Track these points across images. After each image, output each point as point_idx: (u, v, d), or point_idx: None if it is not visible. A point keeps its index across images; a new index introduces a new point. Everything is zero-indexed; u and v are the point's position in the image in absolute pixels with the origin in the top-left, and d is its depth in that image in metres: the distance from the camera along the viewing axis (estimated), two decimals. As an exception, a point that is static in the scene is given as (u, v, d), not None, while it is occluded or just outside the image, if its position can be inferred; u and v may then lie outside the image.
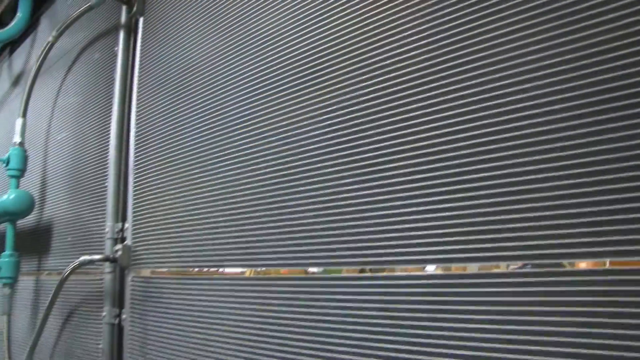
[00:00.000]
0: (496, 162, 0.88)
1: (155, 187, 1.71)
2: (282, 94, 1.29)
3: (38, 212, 2.57)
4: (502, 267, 0.85)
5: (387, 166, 1.03)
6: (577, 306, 0.77)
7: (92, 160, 2.13)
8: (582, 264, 0.77)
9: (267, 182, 1.30)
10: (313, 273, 1.17)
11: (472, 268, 0.89)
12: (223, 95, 1.48)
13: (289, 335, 1.18)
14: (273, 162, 1.29)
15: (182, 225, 1.56)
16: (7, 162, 2.49)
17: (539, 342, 0.80)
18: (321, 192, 1.16)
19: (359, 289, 1.06)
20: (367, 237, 1.05)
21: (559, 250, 0.80)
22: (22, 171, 2.52)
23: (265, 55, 1.36)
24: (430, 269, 0.94)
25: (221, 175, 1.44)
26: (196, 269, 1.53)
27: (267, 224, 1.28)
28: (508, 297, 0.83)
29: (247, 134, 1.37)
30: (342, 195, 1.12)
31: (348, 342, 1.06)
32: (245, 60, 1.42)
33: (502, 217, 0.86)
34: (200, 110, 1.56)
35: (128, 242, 1.80)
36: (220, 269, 1.43)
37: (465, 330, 0.88)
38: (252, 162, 1.35)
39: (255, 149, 1.34)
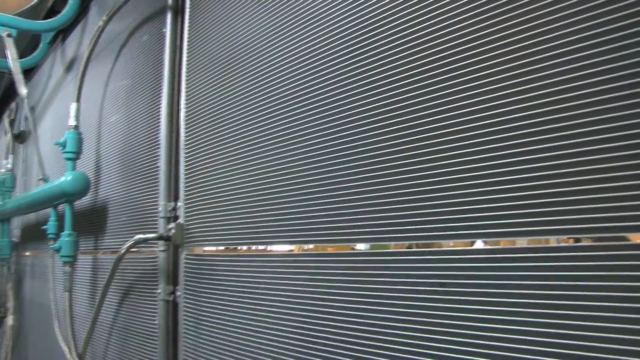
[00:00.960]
0: (546, 135, 0.86)
1: (206, 165, 1.73)
2: (331, 69, 1.28)
3: (93, 193, 2.65)
4: (552, 241, 0.83)
5: (433, 141, 1.02)
6: (630, 281, 0.74)
7: (143, 141, 2.17)
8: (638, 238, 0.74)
9: (315, 159, 1.31)
10: (360, 249, 1.18)
11: (522, 242, 0.87)
12: (271, 73, 1.47)
13: (340, 311, 1.19)
14: (321, 139, 1.29)
15: (232, 203, 1.58)
16: (64, 145, 2.58)
17: (591, 317, 0.77)
18: (368, 167, 1.16)
19: (406, 264, 1.06)
20: (415, 212, 1.05)
21: (613, 224, 0.77)
22: (77, 154, 2.60)
23: (313, 33, 1.35)
24: (479, 243, 0.93)
25: (270, 152, 1.46)
26: (246, 247, 1.56)
27: (315, 200, 1.29)
28: (559, 271, 0.82)
29: (295, 111, 1.38)
30: (389, 171, 1.11)
31: (396, 317, 1.06)
32: (293, 37, 1.41)
33: (553, 190, 0.84)
34: (248, 88, 1.56)
35: (181, 220, 1.83)
36: (269, 247, 1.45)
37: (515, 305, 0.86)
38: (300, 138, 1.36)
39: (303, 126, 1.35)
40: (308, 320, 1.27)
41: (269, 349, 1.39)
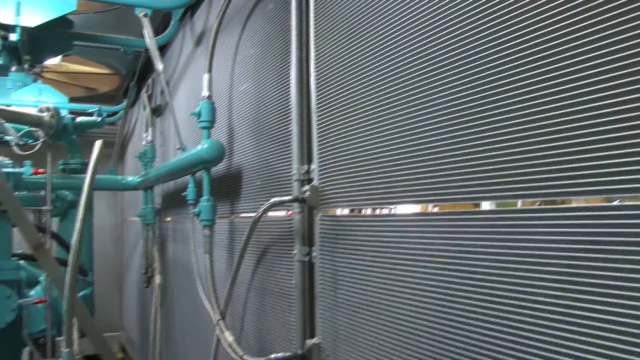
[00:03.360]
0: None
1: (339, 127, 1.73)
2: (471, 20, 1.23)
3: (228, 159, 2.76)
4: None
5: (567, 94, 0.96)
6: None
7: (274, 106, 2.21)
8: None
9: (440, 117, 1.29)
10: (485, 208, 1.18)
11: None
12: (401, 33, 1.45)
13: (482, 270, 1.17)
14: (446, 94, 1.27)
15: (365, 164, 1.59)
16: (199, 115, 2.69)
17: None
18: (493, 124, 1.12)
19: (535, 222, 1.02)
20: (545, 168, 1.01)
21: None
22: (211, 122, 2.72)
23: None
24: (616, 200, 0.89)
25: (398, 112, 1.46)
26: (378, 208, 1.59)
27: (439, 160, 1.29)
28: None
29: (424, 71, 1.36)
30: (514, 128, 1.07)
31: (525, 275, 1.03)
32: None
33: None
34: (380, 46, 1.54)
35: (315, 182, 1.84)
36: (399, 207, 1.48)
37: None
38: (427, 97, 1.34)
39: (435, 85, 1.33)
40: (441, 279, 1.28)
41: (406, 309, 1.42)
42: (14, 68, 4.26)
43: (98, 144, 2.01)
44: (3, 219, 3.23)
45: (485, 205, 1.20)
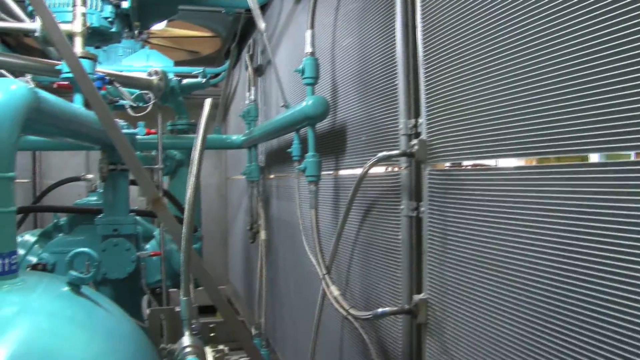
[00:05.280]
0: None
1: (448, 79, 1.70)
2: None
3: (332, 115, 2.79)
4: None
5: None
6: None
7: (378, 60, 2.20)
8: None
9: (554, 65, 1.21)
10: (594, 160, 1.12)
11: None
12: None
13: (594, 225, 1.11)
14: (561, 45, 1.19)
15: (476, 116, 1.56)
16: (302, 71, 2.72)
17: None
18: (611, 73, 1.03)
19: None
20: None
21: None
22: (315, 79, 2.75)
23: None
24: None
25: (511, 61, 1.39)
26: (489, 161, 1.56)
27: (553, 110, 1.22)
28: None
29: (542, 18, 1.27)
30: (633, 76, 0.98)
31: (635, 228, 0.97)
32: None
33: None
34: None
35: (423, 136, 1.81)
36: (508, 160, 1.45)
37: None
38: (542, 45, 1.27)
39: (547, 32, 1.25)
40: (552, 234, 1.23)
41: (517, 265, 1.38)
42: (124, 35, 4.49)
43: (208, 102, 2.06)
44: (122, 178, 3.47)
45: (594, 158, 1.14)
